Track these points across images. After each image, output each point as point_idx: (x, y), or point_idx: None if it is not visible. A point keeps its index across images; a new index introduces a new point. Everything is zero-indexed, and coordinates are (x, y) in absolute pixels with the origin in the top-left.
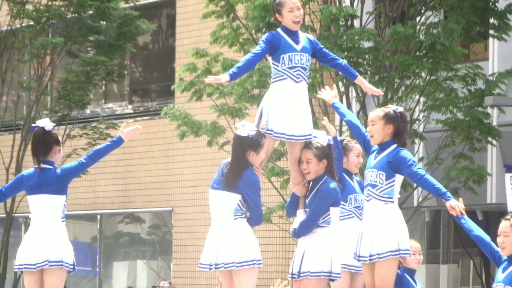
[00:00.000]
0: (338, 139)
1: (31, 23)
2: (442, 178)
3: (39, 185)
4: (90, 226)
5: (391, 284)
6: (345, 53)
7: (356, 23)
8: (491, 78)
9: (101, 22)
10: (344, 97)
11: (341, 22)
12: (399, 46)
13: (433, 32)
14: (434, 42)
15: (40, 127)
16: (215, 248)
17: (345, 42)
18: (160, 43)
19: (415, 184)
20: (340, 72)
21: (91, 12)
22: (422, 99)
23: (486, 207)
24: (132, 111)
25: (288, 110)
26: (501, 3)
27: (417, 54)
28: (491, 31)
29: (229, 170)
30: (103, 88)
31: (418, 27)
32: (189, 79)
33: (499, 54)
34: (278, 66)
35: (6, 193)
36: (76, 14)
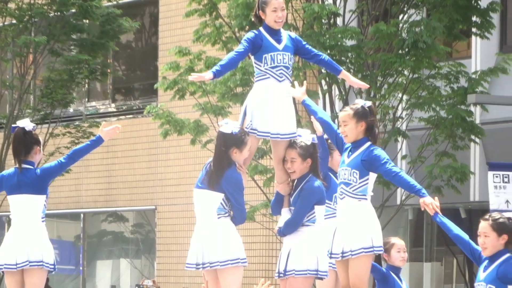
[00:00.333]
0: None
1: (14, 21)
2: (425, 176)
3: (19, 185)
4: (74, 225)
5: (366, 281)
6: (328, 51)
7: (339, 21)
8: (474, 76)
9: (84, 20)
10: (327, 95)
11: (323, 20)
12: (381, 44)
13: (416, 30)
14: (417, 40)
15: (20, 127)
16: (200, 247)
17: (328, 40)
18: (143, 41)
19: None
20: (324, 68)
21: (74, 10)
22: (405, 97)
23: (469, 205)
24: (115, 110)
25: (272, 109)
26: (484, 1)
27: (400, 52)
28: (473, 29)
29: (211, 168)
30: (86, 86)
31: (401, 25)
32: (172, 78)
33: (481, 52)
34: (260, 66)
35: None
36: (58, 13)
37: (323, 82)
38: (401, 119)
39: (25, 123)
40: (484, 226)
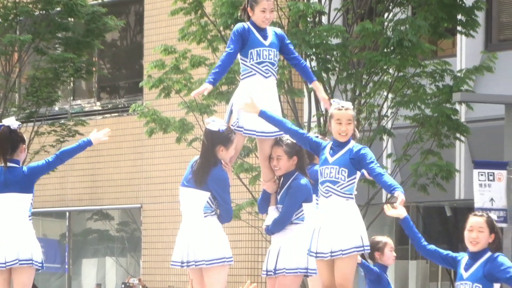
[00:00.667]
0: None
1: None
2: (411, 174)
3: (6, 183)
4: (59, 223)
5: (352, 280)
6: (313, 50)
7: (324, 19)
8: (459, 74)
9: (69, 19)
10: (312, 94)
11: (309, 19)
12: (367, 43)
13: (401, 29)
14: (402, 38)
15: (6, 125)
16: (186, 245)
17: (313, 39)
18: (128, 40)
19: None
20: (299, 72)
21: (59, 9)
22: (390, 96)
23: (455, 203)
24: (100, 108)
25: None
26: (469, 0)
27: (385, 50)
28: (458, 28)
29: (198, 166)
30: (71, 85)
31: (386, 23)
32: (158, 76)
33: (467, 50)
34: (246, 62)
35: None
36: (44, 11)
37: None
38: (387, 118)
39: (11, 122)
40: (480, 221)
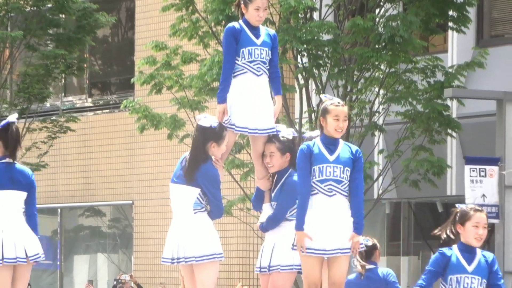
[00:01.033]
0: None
1: None
2: (402, 170)
3: (12, 180)
4: (51, 220)
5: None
6: (305, 46)
7: (315, 15)
8: (450, 70)
9: (60, 15)
10: (303, 90)
11: (300, 15)
12: (358, 39)
13: (392, 25)
14: (393, 34)
15: (14, 123)
16: (176, 242)
17: (304, 35)
18: (119, 36)
19: (375, 176)
20: (269, 80)
21: (50, 5)
22: (382, 92)
23: (446, 199)
24: (91, 104)
25: (250, 104)
26: None
27: (376, 46)
28: (450, 23)
29: (188, 162)
30: (63, 81)
31: (377, 19)
32: (149, 72)
33: (458, 46)
34: (238, 60)
35: None
36: (35, 7)
37: (299, 76)
38: (378, 114)
39: (15, 118)
40: (484, 217)
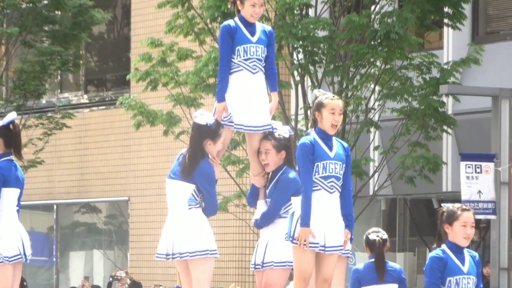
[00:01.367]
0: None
1: None
2: (398, 166)
3: (17, 179)
4: (47, 216)
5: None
6: (300, 42)
7: (311, 12)
8: (446, 66)
9: (56, 12)
10: (299, 86)
11: (296, 11)
12: (354, 35)
13: (388, 21)
14: (389, 31)
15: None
16: (171, 238)
17: (300, 31)
18: (115, 32)
19: (371, 172)
20: (266, 77)
21: (46, 2)
22: (377, 88)
23: (442, 196)
24: (87, 101)
25: (246, 101)
26: None
27: (372, 43)
28: (445, 20)
29: (185, 159)
30: (59, 78)
31: (373, 16)
32: (145, 69)
33: (453, 43)
34: (233, 58)
35: None
36: (31, 4)
37: (295, 73)
38: (374, 110)
39: (15, 117)
40: (471, 217)
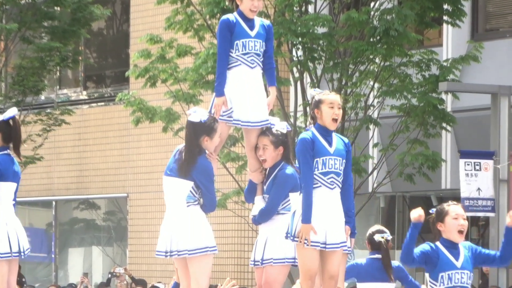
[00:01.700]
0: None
1: None
2: (397, 164)
3: (14, 173)
4: (45, 213)
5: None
6: (299, 39)
7: (310, 8)
8: (445, 64)
9: (55, 7)
10: (298, 83)
11: (295, 8)
12: (353, 32)
13: (387, 18)
14: (388, 28)
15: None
16: (169, 235)
17: (299, 28)
18: (114, 29)
19: (370, 169)
20: (264, 72)
21: None
22: (377, 85)
23: (441, 193)
24: (86, 97)
25: (244, 97)
26: None
27: (371, 40)
28: (445, 17)
29: (182, 157)
30: (58, 74)
31: (372, 13)
32: (144, 65)
33: (453, 40)
34: (232, 52)
35: None
36: (30, 0)
37: (294, 69)
38: (373, 107)
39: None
40: (461, 209)
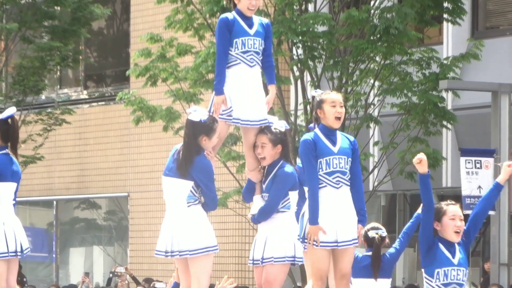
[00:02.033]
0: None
1: None
2: (398, 162)
3: (13, 173)
4: (46, 212)
5: None
6: (300, 37)
7: (311, 7)
8: (445, 62)
9: (56, 7)
10: (299, 82)
11: (295, 6)
12: (353, 30)
13: (387, 16)
14: (388, 26)
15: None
16: (170, 235)
17: (300, 26)
18: (114, 28)
19: (371, 167)
20: (263, 71)
21: None
22: (377, 83)
23: (442, 191)
24: (87, 97)
25: (243, 95)
26: None
27: (372, 38)
28: (445, 15)
29: (181, 156)
30: (58, 73)
31: (372, 11)
32: (144, 64)
33: (453, 38)
34: (231, 51)
35: None
36: (30, 0)
37: (295, 68)
38: (373, 105)
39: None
40: (459, 210)
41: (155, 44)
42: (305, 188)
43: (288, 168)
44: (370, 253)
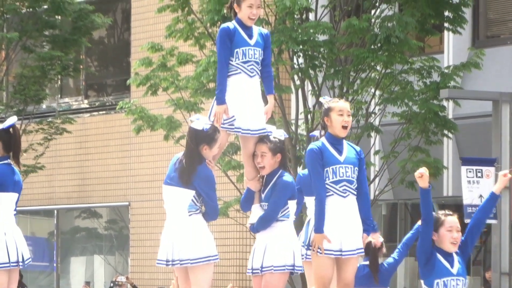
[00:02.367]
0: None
1: None
2: (398, 171)
3: (14, 184)
4: (47, 221)
5: None
6: (300, 46)
7: (311, 16)
8: (446, 71)
9: (56, 16)
10: (299, 91)
11: (296, 15)
12: (354, 39)
13: (388, 25)
14: (389, 35)
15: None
16: (171, 244)
17: (300, 36)
18: (115, 37)
19: (372, 176)
20: (262, 81)
21: (46, 6)
22: (378, 92)
23: (443, 200)
24: (88, 106)
25: (244, 105)
26: None
27: (372, 47)
28: (446, 24)
29: (182, 165)
30: (59, 82)
31: (373, 20)
32: (145, 73)
33: (454, 47)
34: (232, 61)
35: None
36: (31, 9)
37: (295, 77)
38: (374, 114)
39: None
40: (456, 221)
41: (156, 53)
42: (306, 198)
43: (287, 177)
44: (367, 262)
